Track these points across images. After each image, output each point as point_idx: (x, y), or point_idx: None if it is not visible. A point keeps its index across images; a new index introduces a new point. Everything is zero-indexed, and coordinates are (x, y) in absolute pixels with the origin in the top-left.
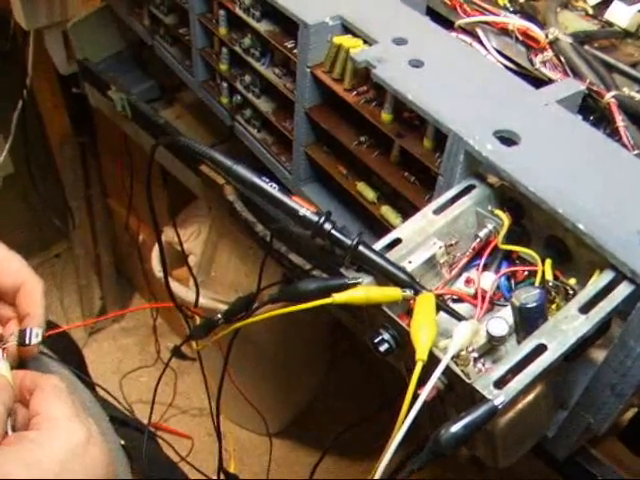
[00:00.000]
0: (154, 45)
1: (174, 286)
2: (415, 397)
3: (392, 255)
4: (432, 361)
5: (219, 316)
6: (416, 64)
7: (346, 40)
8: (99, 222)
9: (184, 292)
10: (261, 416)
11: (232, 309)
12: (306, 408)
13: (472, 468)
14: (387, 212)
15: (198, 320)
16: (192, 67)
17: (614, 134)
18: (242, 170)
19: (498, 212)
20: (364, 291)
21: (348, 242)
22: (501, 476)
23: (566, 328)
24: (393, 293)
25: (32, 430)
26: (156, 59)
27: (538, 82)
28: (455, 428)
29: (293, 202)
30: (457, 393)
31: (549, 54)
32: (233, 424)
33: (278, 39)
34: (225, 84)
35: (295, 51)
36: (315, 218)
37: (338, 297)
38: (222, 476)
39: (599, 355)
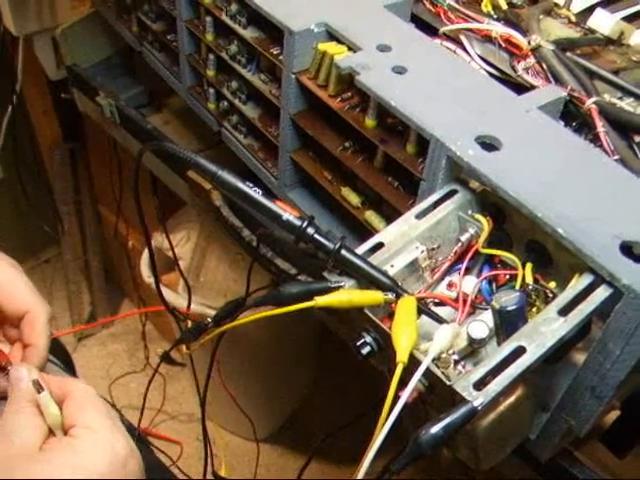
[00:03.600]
0: (142, 51)
1: (163, 291)
2: (396, 399)
3: (374, 259)
4: (413, 363)
5: (209, 320)
6: (400, 71)
7: (331, 47)
8: (89, 228)
9: (173, 297)
10: (250, 421)
11: (221, 313)
12: (295, 412)
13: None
14: (371, 217)
15: (190, 324)
16: (180, 73)
17: (595, 140)
18: (226, 176)
19: (479, 217)
20: (346, 294)
21: (331, 246)
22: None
23: (545, 330)
24: (375, 296)
25: (73, 438)
26: (144, 65)
27: (520, 88)
28: (435, 429)
29: (276, 207)
30: (438, 395)
31: (531, 61)
32: (223, 430)
33: (264, 46)
34: (212, 90)
35: (281, 57)
36: (298, 222)
37: (320, 300)
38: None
39: (580, 358)
